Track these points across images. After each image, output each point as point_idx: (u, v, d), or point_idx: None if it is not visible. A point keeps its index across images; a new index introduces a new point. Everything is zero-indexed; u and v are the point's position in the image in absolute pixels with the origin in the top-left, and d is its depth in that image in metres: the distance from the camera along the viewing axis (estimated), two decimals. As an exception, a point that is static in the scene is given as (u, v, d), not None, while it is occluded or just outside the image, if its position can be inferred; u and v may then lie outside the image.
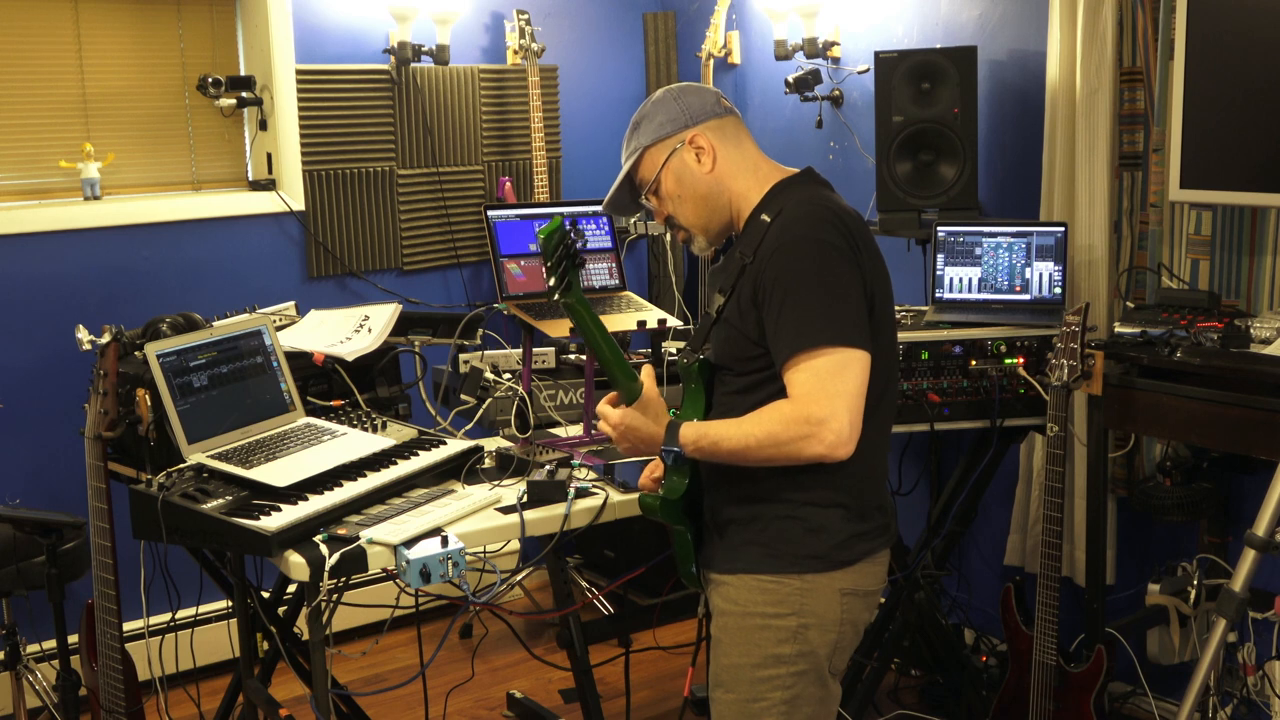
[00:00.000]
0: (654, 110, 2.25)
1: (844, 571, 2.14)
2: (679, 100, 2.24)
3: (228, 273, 4.05)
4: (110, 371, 2.65)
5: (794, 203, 2.14)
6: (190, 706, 3.43)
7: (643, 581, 3.47)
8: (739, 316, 2.12)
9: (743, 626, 2.16)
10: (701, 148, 2.21)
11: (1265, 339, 2.86)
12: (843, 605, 2.15)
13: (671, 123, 2.22)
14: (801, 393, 2.00)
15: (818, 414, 1.97)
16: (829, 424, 1.97)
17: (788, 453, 2.01)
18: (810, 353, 2.00)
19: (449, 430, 2.99)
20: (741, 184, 2.22)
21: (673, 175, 2.23)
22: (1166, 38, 3.25)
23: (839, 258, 2.05)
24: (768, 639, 2.14)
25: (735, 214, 2.23)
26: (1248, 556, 2.21)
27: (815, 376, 2.00)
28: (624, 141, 2.30)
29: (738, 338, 2.13)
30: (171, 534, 2.38)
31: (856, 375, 2.01)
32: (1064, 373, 2.90)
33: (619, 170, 2.29)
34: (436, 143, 4.44)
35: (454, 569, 2.27)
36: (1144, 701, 3.49)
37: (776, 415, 2.02)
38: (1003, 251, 3.39)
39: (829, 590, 2.13)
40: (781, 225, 2.10)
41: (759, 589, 2.14)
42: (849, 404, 1.99)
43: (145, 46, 4.01)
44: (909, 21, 4.06)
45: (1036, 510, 3.67)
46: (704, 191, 2.22)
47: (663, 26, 4.92)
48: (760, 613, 2.14)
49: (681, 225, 2.27)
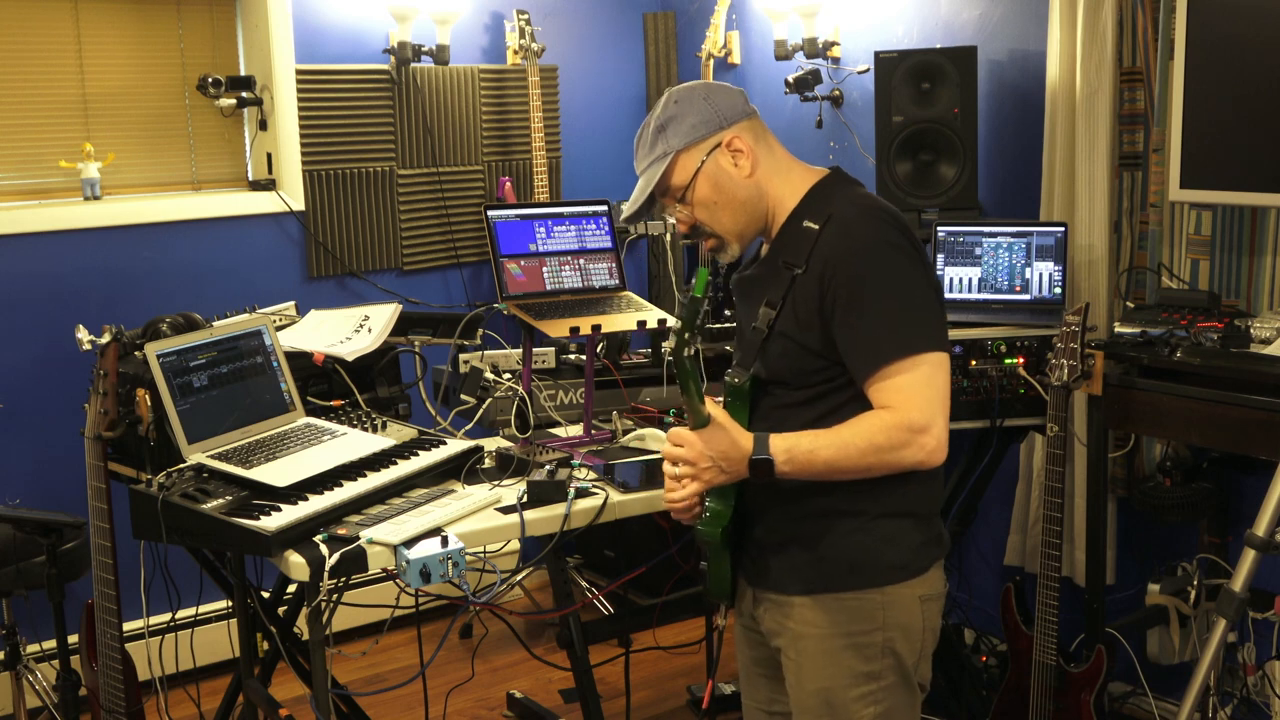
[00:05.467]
0: (682, 111, 2.10)
1: (921, 579, 2.09)
2: (709, 100, 2.10)
3: (228, 273, 4.05)
4: (110, 371, 2.65)
5: (844, 206, 2.04)
6: (190, 706, 3.43)
7: (643, 581, 3.47)
8: (798, 329, 2.03)
9: (827, 649, 2.08)
10: (739, 150, 2.09)
11: (1265, 339, 2.86)
12: (924, 612, 2.09)
13: (705, 124, 2.08)
14: (899, 400, 1.95)
15: (920, 421, 1.94)
16: (931, 431, 1.94)
17: (888, 460, 1.96)
18: (901, 361, 1.95)
19: (449, 430, 2.98)
20: (777, 187, 2.11)
21: (709, 181, 2.09)
22: (1166, 38, 3.25)
23: (908, 259, 2.00)
24: (855, 658, 2.07)
25: (770, 219, 2.12)
26: (1248, 556, 2.21)
27: (911, 383, 1.95)
28: (641, 145, 2.15)
29: (797, 351, 2.04)
30: (171, 534, 2.38)
31: (945, 379, 1.98)
32: (1064, 373, 2.90)
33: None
34: (436, 143, 4.44)
35: (454, 569, 2.27)
36: (1144, 701, 3.49)
37: (878, 424, 1.96)
38: (1003, 251, 3.39)
39: (910, 599, 2.08)
40: (840, 231, 2.00)
41: (839, 608, 2.07)
42: (943, 409, 1.97)
43: (145, 46, 4.01)
44: (909, 21, 4.06)
45: (1036, 510, 3.67)
46: (744, 197, 2.10)
47: (663, 26, 4.92)
48: (845, 632, 2.07)
49: (713, 232, 2.14)
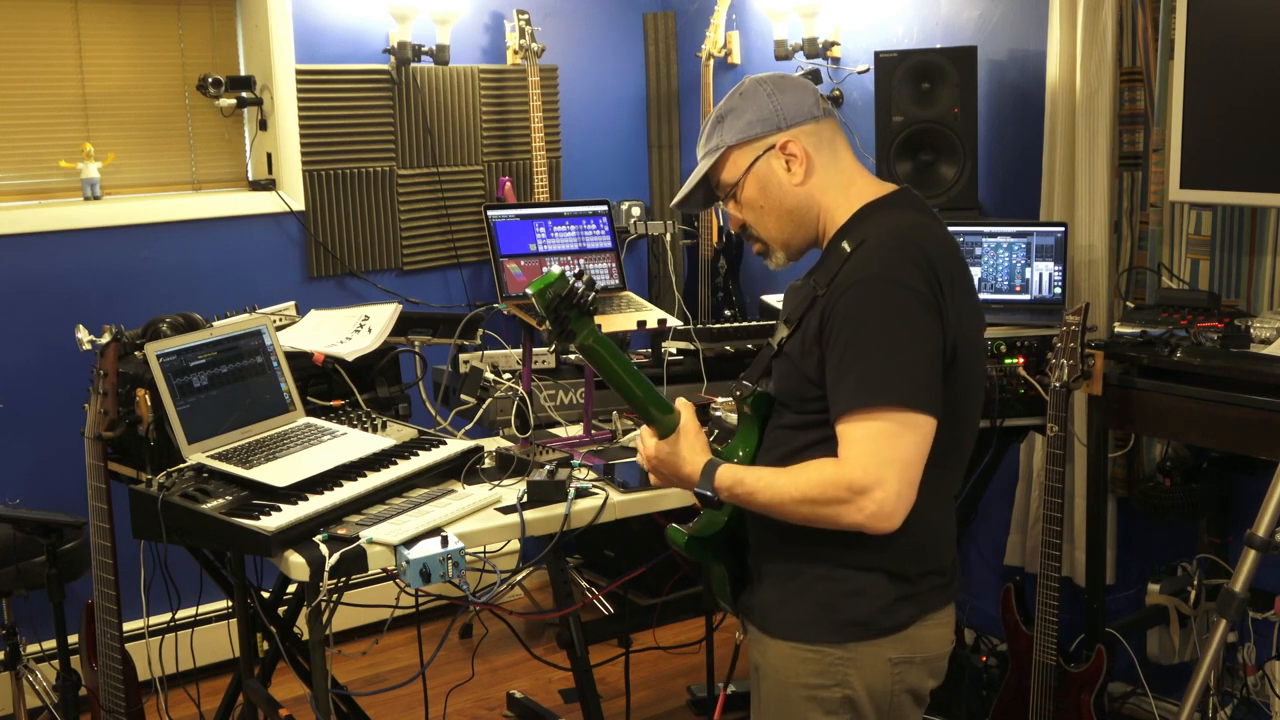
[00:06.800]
0: (743, 105, 1.97)
1: (892, 639, 1.89)
2: (773, 97, 1.95)
3: (228, 273, 4.05)
4: (110, 371, 2.65)
5: (878, 232, 1.87)
6: (190, 706, 3.43)
7: (643, 581, 3.48)
8: (800, 354, 1.88)
9: (786, 698, 1.94)
10: (794, 155, 1.94)
11: (1265, 339, 2.86)
12: (894, 675, 1.90)
13: (762, 123, 1.94)
14: (849, 455, 1.77)
15: (861, 481, 1.75)
16: (872, 494, 1.74)
17: (822, 515, 1.80)
18: (868, 412, 1.77)
19: (449, 430, 2.98)
20: (832, 199, 1.95)
21: (757, 182, 1.96)
22: (1166, 38, 3.25)
23: (917, 305, 1.79)
24: (813, 710, 1.92)
25: (821, 232, 1.97)
26: (1248, 556, 2.20)
27: (867, 439, 1.76)
28: (703, 132, 2.03)
29: (796, 375, 1.90)
30: (171, 534, 2.38)
31: (914, 443, 1.77)
32: (1064, 373, 2.90)
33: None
34: (436, 143, 4.44)
35: (454, 569, 2.27)
36: (1144, 701, 3.49)
37: (817, 476, 1.80)
38: (1003, 251, 3.39)
39: (877, 660, 1.89)
40: (860, 259, 1.84)
41: (798, 658, 1.92)
42: (900, 473, 1.75)
43: (145, 46, 4.01)
44: (909, 21, 4.07)
45: (1036, 510, 3.67)
46: (790, 205, 1.95)
47: (663, 26, 4.92)
48: (803, 684, 1.92)
49: (759, 237, 2.01)
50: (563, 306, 1.83)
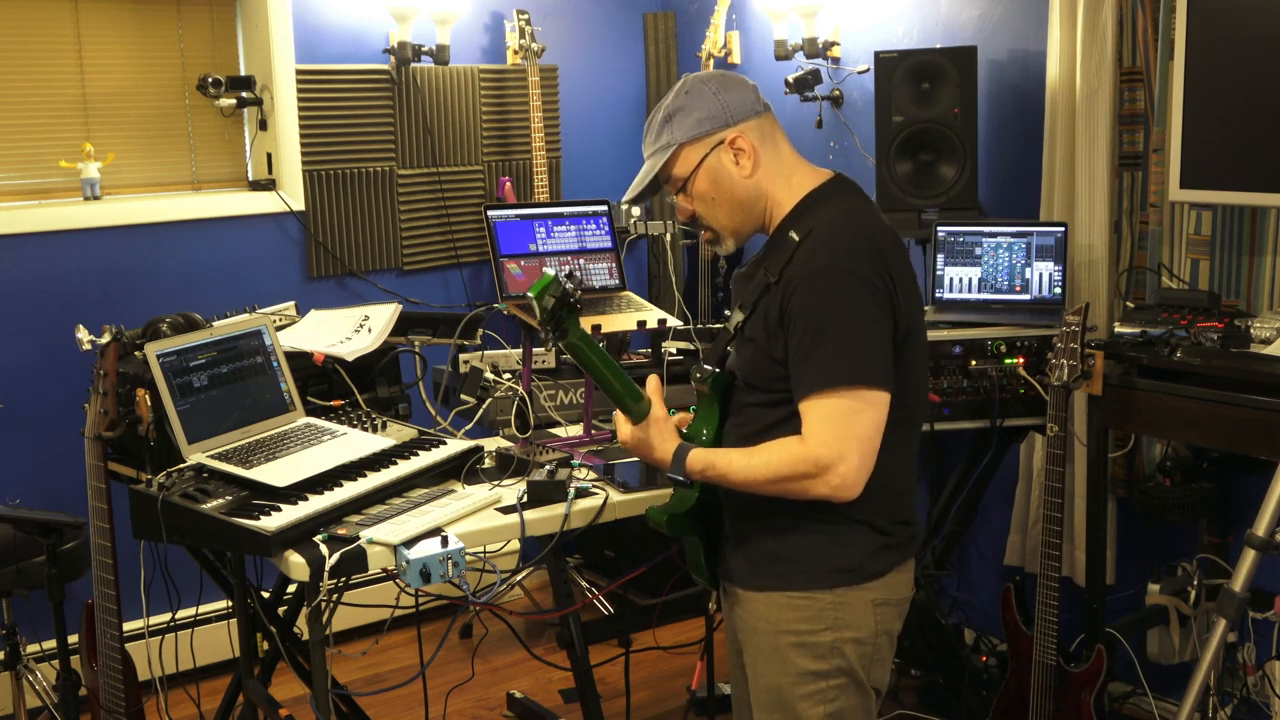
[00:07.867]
0: (690, 103, 2.10)
1: (876, 583, 2.09)
2: (719, 95, 2.09)
3: (228, 273, 4.05)
4: (110, 371, 2.65)
5: (824, 221, 2.04)
6: (190, 706, 3.43)
7: (643, 581, 3.47)
8: (765, 338, 2.05)
9: (776, 646, 2.11)
10: (742, 149, 2.09)
11: (1265, 339, 2.86)
12: (876, 616, 2.11)
13: (711, 120, 2.09)
14: (812, 433, 1.96)
15: (826, 457, 1.94)
16: (836, 468, 1.94)
17: (793, 489, 1.99)
18: (827, 393, 1.95)
19: (449, 430, 2.98)
20: (777, 189, 2.11)
21: (708, 177, 2.11)
22: (1166, 38, 3.25)
23: (866, 291, 1.97)
24: (804, 656, 2.09)
25: (768, 219, 2.13)
26: (1248, 556, 2.21)
27: (829, 417, 1.95)
28: (649, 130, 2.18)
29: (763, 358, 2.06)
30: (171, 534, 2.38)
31: (871, 418, 1.96)
32: (1064, 373, 2.90)
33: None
34: (436, 143, 4.44)
35: (454, 569, 2.27)
36: (1144, 701, 3.49)
37: (785, 454, 1.99)
38: (1003, 251, 3.39)
39: (862, 603, 2.09)
40: (810, 249, 2.01)
41: (790, 605, 2.10)
42: (860, 447, 1.95)
43: (145, 46, 4.01)
44: (909, 21, 4.07)
45: (1036, 510, 3.67)
46: (741, 196, 2.11)
47: (663, 26, 4.92)
48: (793, 630, 2.09)
49: (710, 226, 2.17)
50: (558, 307, 2.03)
